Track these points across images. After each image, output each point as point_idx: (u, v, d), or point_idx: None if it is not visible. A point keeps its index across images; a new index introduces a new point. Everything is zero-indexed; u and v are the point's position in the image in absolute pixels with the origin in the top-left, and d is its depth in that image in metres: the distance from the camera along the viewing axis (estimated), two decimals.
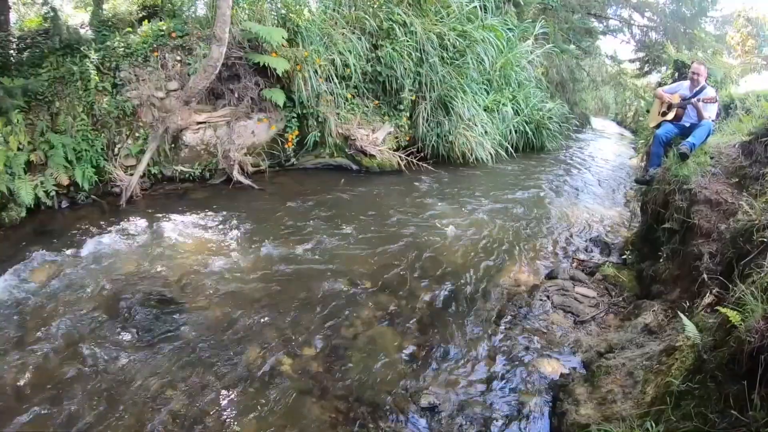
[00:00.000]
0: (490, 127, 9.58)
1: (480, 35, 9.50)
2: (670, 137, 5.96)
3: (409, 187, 7.39)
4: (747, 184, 4.31)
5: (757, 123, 4.87)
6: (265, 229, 5.39)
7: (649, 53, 20.81)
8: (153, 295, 3.99)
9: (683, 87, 6.18)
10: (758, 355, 2.04)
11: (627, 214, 7.62)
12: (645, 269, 4.95)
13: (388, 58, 8.17)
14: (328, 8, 8.36)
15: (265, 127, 7.11)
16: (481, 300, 4.40)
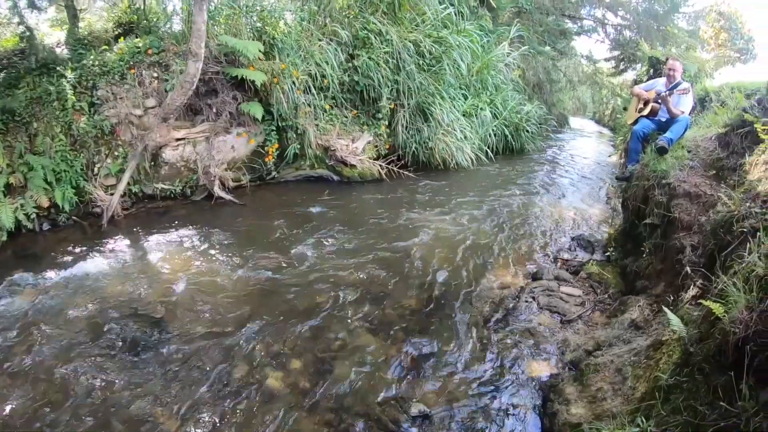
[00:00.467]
0: (469, 131, 9.78)
1: (456, 41, 9.67)
2: (647, 132, 6.12)
3: (391, 195, 7.48)
4: (725, 175, 4.42)
5: (732, 115, 5.00)
6: (248, 244, 5.42)
7: (623, 51, 21.33)
8: (137, 316, 4.00)
9: (659, 83, 6.36)
10: (743, 346, 2.09)
11: (609, 211, 7.75)
12: (629, 265, 5.03)
13: (364, 67, 8.29)
14: (304, 20, 8.43)
15: (245, 141, 7.16)
16: (467, 304, 4.44)
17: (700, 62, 17.34)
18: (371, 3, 8.91)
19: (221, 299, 4.27)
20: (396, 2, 8.99)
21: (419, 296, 4.51)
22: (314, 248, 5.36)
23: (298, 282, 4.60)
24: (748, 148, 4.25)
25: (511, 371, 3.57)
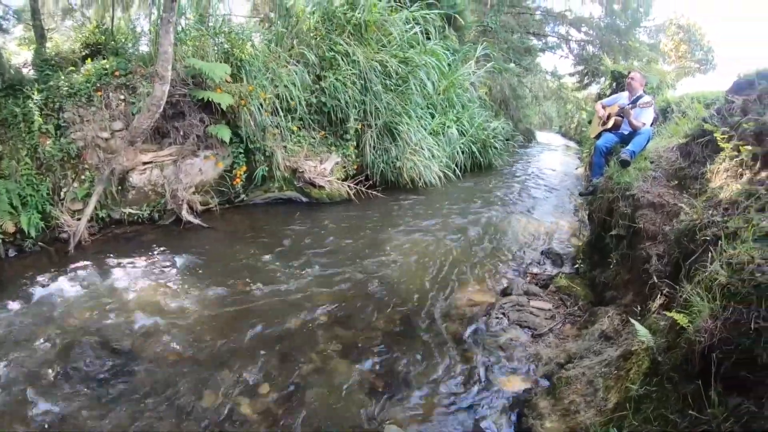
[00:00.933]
0: (436, 150, 10.00)
1: (422, 60, 9.96)
2: (609, 146, 6.29)
3: (360, 216, 7.57)
4: (687, 184, 4.52)
5: (692, 125, 5.13)
6: (217, 269, 5.42)
7: (587, 66, 22.12)
8: (105, 344, 3.95)
9: (622, 97, 6.57)
10: (710, 354, 2.15)
11: (577, 223, 7.96)
12: (597, 276, 5.11)
13: (332, 88, 8.46)
14: (271, 42, 8.62)
15: (212, 164, 7.21)
16: (438, 323, 4.49)
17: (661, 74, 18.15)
18: (338, 24, 9.16)
19: (190, 325, 4.27)
20: (362, 23, 9.24)
21: (389, 317, 4.56)
22: (283, 271, 5.38)
23: (267, 306, 4.62)
24: (709, 156, 4.37)
25: (485, 388, 3.61)
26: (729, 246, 2.67)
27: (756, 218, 2.79)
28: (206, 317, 4.41)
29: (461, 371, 3.80)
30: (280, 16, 9.01)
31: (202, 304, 4.65)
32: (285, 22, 8.94)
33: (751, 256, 2.39)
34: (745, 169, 3.68)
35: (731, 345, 2.09)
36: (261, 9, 11.35)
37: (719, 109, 4.73)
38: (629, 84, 6.51)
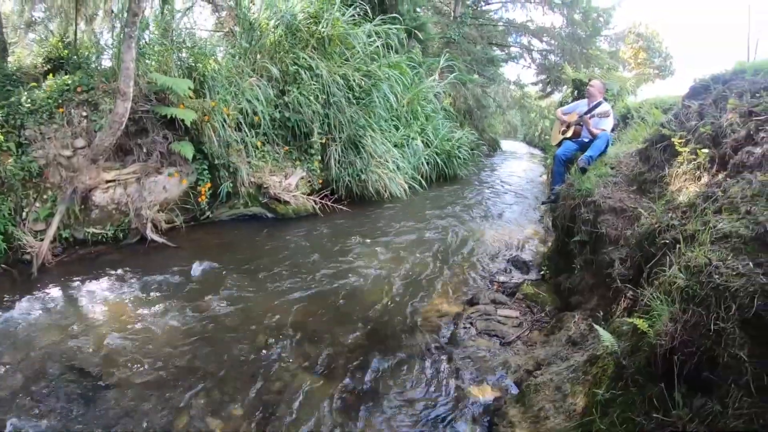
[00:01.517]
0: (401, 161, 10.25)
1: (384, 74, 10.22)
2: (569, 155, 6.48)
3: (326, 231, 7.66)
4: (647, 188, 4.63)
5: (651, 130, 5.28)
6: (183, 289, 5.39)
7: (549, 75, 22.89)
8: (72, 368, 3.90)
9: (582, 104, 6.81)
10: (671, 356, 2.21)
11: (542, 230, 8.22)
12: (562, 282, 5.21)
13: (295, 102, 8.63)
14: (235, 56, 8.74)
15: (177, 181, 7.19)
16: (406, 336, 4.55)
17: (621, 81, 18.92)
18: (301, 38, 9.32)
19: (158, 347, 4.24)
20: (326, 37, 9.44)
21: (358, 331, 4.60)
22: (250, 289, 5.40)
23: (235, 325, 4.62)
24: (668, 160, 4.49)
25: (455, 398, 3.65)
26: (687, 249, 2.77)
27: (713, 220, 2.87)
28: (174, 337, 4.39)
29: (431, 382, 3.87)
30: (243, 31, 9.11)
31: (170, 324, 4.63)
32: (249, 36, 9.04)
33: (708, 259, 2.47)
34: (703, 172, 3.81)
35: (692, 347, 2.18)
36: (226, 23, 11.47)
37: (677, 113, 4.89)
38: (588, 91, 6.77)
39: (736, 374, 1.98)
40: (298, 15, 9.40)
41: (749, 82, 4.20)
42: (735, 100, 4.00)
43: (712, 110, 4.38)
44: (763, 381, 1.88)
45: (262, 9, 9.37)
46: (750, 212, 2.71)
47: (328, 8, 9.63)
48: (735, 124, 3.77)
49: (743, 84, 4.27)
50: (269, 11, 9.30)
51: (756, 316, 2.04)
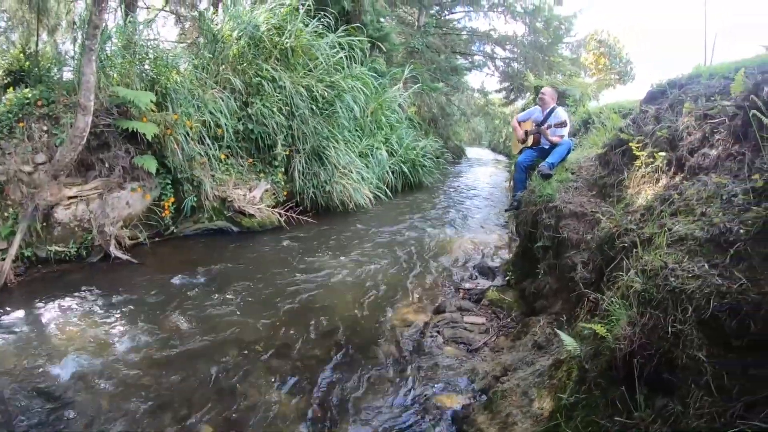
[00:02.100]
0: (366, 172, 10.46)
1: (348, 84, 10.41)
2: (530, 162, 6.73)
3: (292, 243, 7.70)
4: (607, 192, 4.74)
5: (609, 135, 5.40)
6: (149, 306, 5.36)
7: (513, 82, 23.56)
8: (36, 392, 3.84)
9: (536, 111, 7.06)
10: (631, 359, 2.27)
11: (507, 235, 8.45)
12: (527, 287, 5.30)
13: (259, 114, 8.74)
14: (198, 68, 8.78)
15: (140, 196, 7.18)
16: (374, 347, 4.62)
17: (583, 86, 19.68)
18: (264, 50, 9.45)
19: (124, 367, 4.20)
20: (289, 49, 9.59)
21: (325, 343, 4.65)
22: (217, 305, 5.40)
23: (202, 341, 4.62)
24: (627, 164, 4.60)
25: (424, 408, 3.70)
26: (644, 252, 2.84)
27: (669, 223, 2.93)
28: (140, 357, 4.36)
29: (400, 393, 3.91)
30: (207, 42, 9.19)
31: (136, 343, 4.61)
32: (212, 47, 9.12)
33: (664, 262, 2.52)
34: (661, 175, 3.92)
35: (651, 350, 2.23)
36: (189, 34, 11.57)
37: (635, 118, 5.01)
38: (541, 99, 7.03)
39: (696, 374, 2.05)
40: (261, 26, 9.50)
41: (704, 86, 4.33)
42: (690, 104, 4.12)
43: (668, 114, 4.55)
44: (723, 380, 1.95)
45: (226, 20, 9.48)
46: (705, 214, 2.79)
47: (291, 19, 9.80)
48: (691, 127, 3.89)
49: (699, 88, 4.39)
50: (232, 22, 9.39)
51: (713, 317, 2.11)
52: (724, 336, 2.05)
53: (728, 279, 2.19)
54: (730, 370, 1.96)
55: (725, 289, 2.14)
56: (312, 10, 10.64)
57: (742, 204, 2.60)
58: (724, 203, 2.75)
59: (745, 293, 2.07)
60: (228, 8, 9.78)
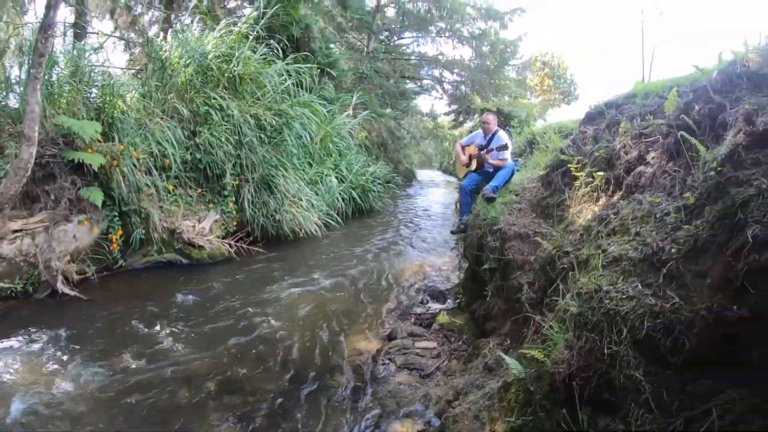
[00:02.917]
0: (315, 199, 10.66)
1: (296, 112, 10.63)
2: (474, 185, 7.02)
3: (242, 275, 7.75)
4: (550, 212, 4.95)
5: (551, 156, 5.62)
6: (98, 343, 5.31)
7: (461, 105, 24.61)
8: None
9: (479, 136, 7.41)
10: (571, 382, 2.38)
11: (458, 258, 8.44)
12: (477, 309, 5.46)
13: (207, 144, 8.79)
14: (145, 96, 8.83)
15: (87, 229, 7.12)
16: (327, 377, 4.71)
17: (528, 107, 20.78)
18: (212, 78, 9.61)
19: (72, 407, 4.16)
20: (237, 77, 9.79)
21: (278, 377, 4.71)
22: (167, 341, 5.42)
23: (152, 379, 4.60)
24: (567, 185, 4.78)
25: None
26: (581, 274, 2.97)
27: (605, 244, 3.07)
28: (89, 397, 4.32)
29: (354, 425, 3.99)
30: (155, 69, 9.22)
31: (85, 382, 4.56)
32: (160, 75, 9.16)
33: (598, 285, 2.65)
34: (601, 194, 4.08)
35: (589, 372, 2.34)
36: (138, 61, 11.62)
37: (574, 139, 5.21)
38: (483, 126, 7.39)
39: (635, 393, 2.15)
40: (209, 53, 9.65)
41: (640, 106, 4.55)
42: (626, 124, 4.35)
43: (606, 134, 4.76)
44: (663, 397, 2.06)
45: (174, 47, 9.56)
46: (639, 233, 2.93)
47: (239, 47, 10.03)
48: (627, 146, 4.09)
49: (634, 108, 4.61)
50: (181, 49, 9.49)
51: (647, 336, 2.22)
52: (661, 354, 2.18)
53: (661, 298, 2.34)
54: (669, 387, 2.10)
55: (658, 308, 2.29)
56: (261, 37, 10.91)
57: (674, 222, 2.77)
58: (657, 222, 2.92)
59: (677, 312, 2.23)
60: (177, 34, 9.90)
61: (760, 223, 2.12)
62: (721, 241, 2.33)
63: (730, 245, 2.23)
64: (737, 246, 2.17)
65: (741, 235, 2.17)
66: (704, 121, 3.30)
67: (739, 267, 2.08)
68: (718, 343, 2.07)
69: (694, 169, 3.03)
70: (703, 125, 3.29)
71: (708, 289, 2.25)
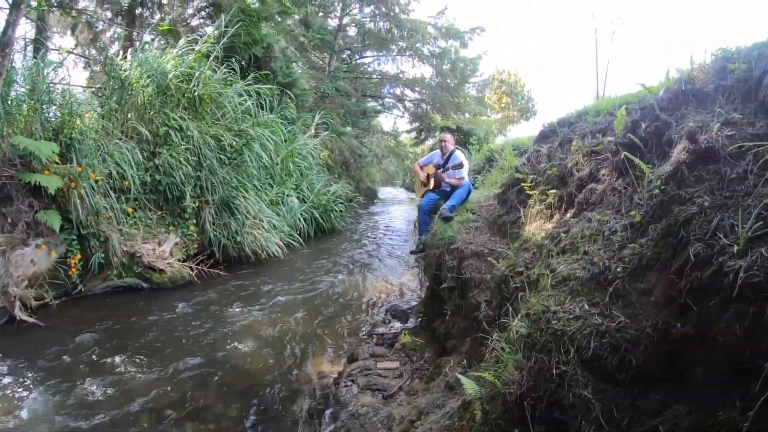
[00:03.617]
0: (277, 220, 10.80)
1: (256, 132, 10.80)
2: (432, 205, 7.24)
3: (204, 298, 7.74)
4: (506, 230, 5.04)
5: (506, 174, 5.80)
6: (57, 372, 5.24)
7: (422, 123, 25.24)
8: None
9: (436, 155, 7.69)
10: (522, 402, 2.43)
11: (419, 277, 8.69)
12: (437, 328, 5.61)
13: (166, 165, 8.83)
14: (104, 117, 8.78)
15: (45, 253, 7.05)
16: (290, 402, 4.77)
17: (487, 124, 21.48)
18: (172, 98, 9.65)
19: None
20: (196, 97, 9.87)
21: (241, 403, 4.74)
22: (128, 368, 5.42)
23: (112, 410, 4.57)
24: (523, 202, 4.91)
25: None
26: (532, 294, 3.03)
27: (555, 263, 3.13)
28: (49, 427, 4.30)
29: None
30: (114, 88, 9.20)
31: (44, 412, 4.53)
32: (120, 94, 9.13)
33: (545, 306, 2.70)
34: (555, 211, 4.19)
35: (539, 392, 2.38)
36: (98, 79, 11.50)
37: (529, 157, 5.38)
38: (441, 146, 7.70)
39: (585, 411, 2.17)
40: (169, 73, 9.71)
41: (591, 124, 4.76)
42: (578, 142, 4.52)
43: (559, 152, 4.91)
44: (613, 414, 2.10)
45: (133, 66, 9.52)
46: (587, 252, 3.00)
47: (200, 66, 10.15)
48: (579, 163, 4.20)
49: (586, 126, 4.82)
50: (141, 68, 9.47)
51: (594, 355, 2.27)
52: (608, 372, 2.24)
53: (608, 317, 2.40)
54: (618, 403, 2.13)
55: (604, 328, 2.35)
56: (221, 57, 11.07)
57: (621, 241, 2.85)
58: (605, 240, 3.00)
59: (623, 330, 2.29)
60: (136, 53, 9.88)
61: (701, 241, 2.20)
62: (665, 258, 2.42)
63: (674, 263, 2.32)
64: (680, 264, 2.26)
65: (684, 252, 2.26)
66: (651, 139, 3.45)
67: (682, 285, 2.18)
68: (664, 360, 2.16)
69: (638, 188, 3.17)
70: (650, 143, 3.45)
71: (653, 306, 2.33)
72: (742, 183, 2.39)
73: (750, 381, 1.75)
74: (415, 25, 23.05)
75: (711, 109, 3.09)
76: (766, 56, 2.98)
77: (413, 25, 23.00)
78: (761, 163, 2.37)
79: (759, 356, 1.77)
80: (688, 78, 3.49)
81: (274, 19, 15.07)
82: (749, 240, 2.04)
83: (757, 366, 1.74)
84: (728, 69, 3.23)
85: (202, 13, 15.19)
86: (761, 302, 1.82)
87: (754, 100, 2.88)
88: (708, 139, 2.70)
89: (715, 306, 2.01)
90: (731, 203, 2.33)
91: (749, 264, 1.92)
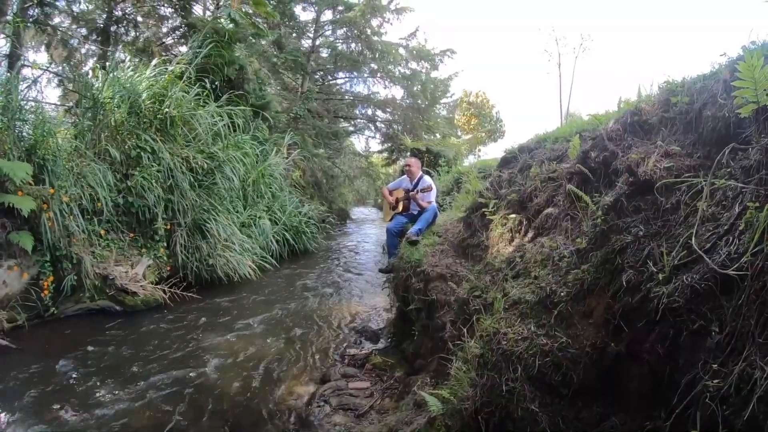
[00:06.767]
0: (249, 242, 10.94)
1: (227, 155, 10.94)
2: (400, 228, 7.49)
3: (176, 322, 7.83)
4: (470, 252, 5.22)
5: (471, 199, 5.99)
6: (29, 397, 5.23)
7: (393, 143, 25.72)
8: None
9: (405, 181, 8.00)
10: (477, 416, 2.58)
11: (390, 297, 8.69)
12: (407, 348, 5.78)
13: (139, 187, 8.91)
14: (77, 137, 8.90)
15: (17, 275, 7.10)
16: (263, 424, 4.83)
17: (456, 146, 22.02)
18: (144, 119, 9.76)
19: None
20: (168, 119, 9.98)
21: (214, 428, 4.77)
22: (101, 392, 5.41)
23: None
24: (486, 226, 5.08)
25: None
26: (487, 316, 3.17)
27: (508, 286, 3.30)
28: None
29: None
30: (87, 108, 9.26)
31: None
32: (93, 114, 9.19)
33: (496, 328, 2.87)
34: (515, 234, 4.34)
35: (491, 407, 2.55)
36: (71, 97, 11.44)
37: (492, 182, 5.57)
38: (408, 170, 8.02)
39: (533, 424, 2.35)
40: (142, 93, 9.84)
41: (549, 150, 4.97)
42: (536, 168, 4.72)
43: (519, 178, 5.10)
44: (559, 425, 2.28)
45: (106, 85, 9.55)
46: (537, 277, 3.18)
47: (172, 87, 10.31)
48: (537, 189, 4.39)
49: (544, 153, 5.03)
50: (113, 88, 9.53)
51: (539, 373, 2.47)
52: (553, 387, 2.44)
53: (552, 338, 2.62)
54: (564, 415, 2.33)
55: (548, 347, 2.56)
56: (194, 78, 11.29)
57: (567, 266, 3.05)
58: (553, 266, 3.19)
59: (564, 350, 2.51)
60: (108, 72, 9.92)
61: (633, 268, 2.48)
62: (603, 284, 2.66)
63: (610, 288, 2.57)
64: (615, 289, 2.51)
65: (618, 279, 2.51)
66: (600, 169, 3.72)
67: (616, 308, 2.44)
68: (602, 376, 2.41)
69: (585, 217, 3.42)
70: (599, 172, 3.72)
71: (592, 328, 2.57)
72: (675, 213, 2.69)
73: (670, 394, 2.04)
74: (386, 47, 23.67)
75: (654, 140, 3.36)
76: (707, 89, 3.23)
77: (385, 47, 23.61)
78: (691, 194, 2.66)
79: (677, 372, 2.06)
80: (635, 110, 3.77)
81: (248, 40, 15.33)
82: (674, 268, 2.33)
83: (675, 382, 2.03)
84: (671, 102, 3.51)
85: (177, 33, 15.42)
86: (679, 325, 2.12)
87: (694, 131, 3.17)
88: (646, 171, 2.97)
89: (643, 328, 2.29)
90: (664, 232, 2.63)
91: (671, 290, 2.22)
